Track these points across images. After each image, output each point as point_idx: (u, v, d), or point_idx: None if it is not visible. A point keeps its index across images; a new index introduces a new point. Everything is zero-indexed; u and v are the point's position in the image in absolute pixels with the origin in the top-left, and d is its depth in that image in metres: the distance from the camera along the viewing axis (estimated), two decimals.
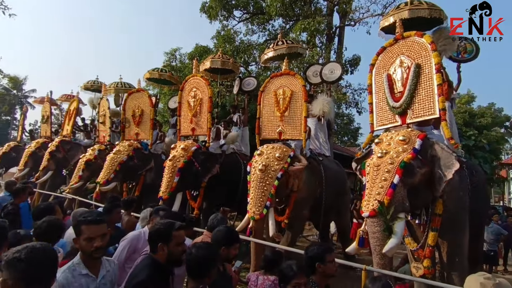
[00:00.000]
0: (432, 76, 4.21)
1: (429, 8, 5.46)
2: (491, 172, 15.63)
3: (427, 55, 4.28)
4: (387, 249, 3.48)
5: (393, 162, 3.84)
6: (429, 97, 4.25)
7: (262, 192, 5.21)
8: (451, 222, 4.13)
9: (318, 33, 14.30)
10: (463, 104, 19.44)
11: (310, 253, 2.29)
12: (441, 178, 3.95)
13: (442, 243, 4.20)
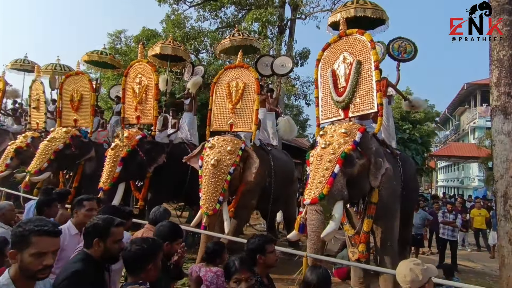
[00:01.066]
0: (371, 72, 4.46)
1: (373, 8, 5.76)
2: (422, 163, 17.14)
3: (367, 52, 4.52)
4: (325, 234, 3.67)
5: (335, 153, 4.04)
6: (369, 92, 4.50)
7: (215, 188, 5.17)
8: (384, 210, 4.46)
9: (270, 24, 14.37)
10: (401, 100, 20.84)
11: (251, 245, 2.31)
12: (379, 169, 4.23)
13: (376, 229, 4.53)
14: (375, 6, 5.82)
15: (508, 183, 4.45)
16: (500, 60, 4.85)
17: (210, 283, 2.40)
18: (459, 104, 32.68)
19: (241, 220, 6.08)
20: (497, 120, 4.76)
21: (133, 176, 6.49)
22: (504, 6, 4.93)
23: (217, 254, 2.56)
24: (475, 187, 26.03)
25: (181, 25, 14.91)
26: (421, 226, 7.80)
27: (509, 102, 4.70)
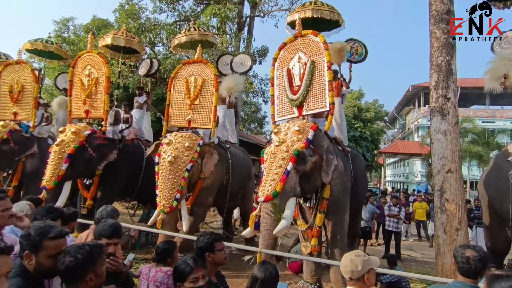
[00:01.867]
0: (324, 72, 4.61)
1: (329, 11, 5.98)
2: (372, 159, 18.15)
3: (320, 53, 4.67)
4: (277, 230, 3.75)
5: (288, 150, 4.13)
6: (321, 91, 4.66)
7: (172, 185, 5.06)
8: (335, 205, 4.65)
9: (229, 20, 14.28)
10: (354, 99, 21.93)
11: (199, 244, 2.28)
12: (330, 166, 4.41)
13: (328, 223, 4.72)
14: (331, 8, 6.04)
15: (444, 178, 4.87)
16: (438, 65, 5.28)
17: (161, 283, 2.34)
18: (405, 105, 34.99)
19: (198, 217, 6.02)
20: (435, 120, 5.18)
21: (80, 174, 6.13)
22: (442, 16, 5.37)
23: (168, 254, 2.50)
24: (418, 182, 28.10)
25: (135, 16, 14.31)
26: (370, 219, 8.27)
27: (445, 104, 5.13)
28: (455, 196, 4.68)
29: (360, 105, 21.73)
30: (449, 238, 4.54)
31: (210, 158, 5.68)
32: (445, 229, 4.59)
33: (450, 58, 5.27)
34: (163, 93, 12.94)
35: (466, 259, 2.03)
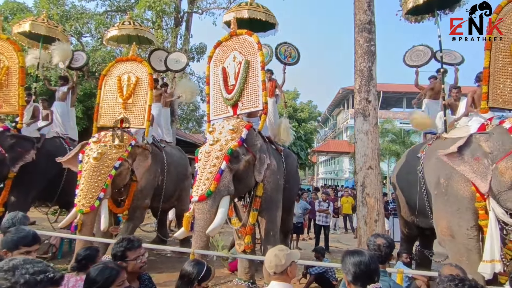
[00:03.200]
0: (258, 72, 4.72)
1: (265, 12, 6.11)
2: (306, 158, 19.09)
3: (254, 53, 4.77)
4: (210, 229, 3.74)
5: (222, 149, 4.14)
6: (255, 91, 4.76)
7: (96, 183, 4.72)
8: (268, 202, 4.79)
9: (165, 15, 13.79)
10: (290, 99, 22.80)
11: (113, 251, 2.16)
12: (263, 164, 4.52)
13: (261, 221, 4.84)
14: (266, 10, 6.19)
15: (365, 174, 5.32)
16: (361, 71, 5.75)
17: None
18: (336, 106, 37.44)
19: (137, 221, 5.76)
20: (358, 121, 5.63)
21: None
22: (365, 26, 5.85)
23: (89, 260, 2.33)
24: (346, 178, 30.28)
25: (59, 2, 13.05)
26: (302, 215, 8.70)
27: (367, 106, 5.61)
28: (374, 191, 5.14)
29: (295, 106, 22.66)
30: (369, 229, 4.98)
31: (144, 161, 5.44)
32: (366, 221, 5.03)
33: (371, 64, 5.77)
34: (91, 88, 12.05)
35: (377, 247, 2.26)
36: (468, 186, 3.93)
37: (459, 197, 4.03)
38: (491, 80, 3.90)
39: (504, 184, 3.45)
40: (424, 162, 4.97)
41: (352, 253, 1.83)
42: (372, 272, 1.75)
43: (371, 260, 1.77)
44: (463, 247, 3.97)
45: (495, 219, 3.62)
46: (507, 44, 3.92)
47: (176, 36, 14.53)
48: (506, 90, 3.92)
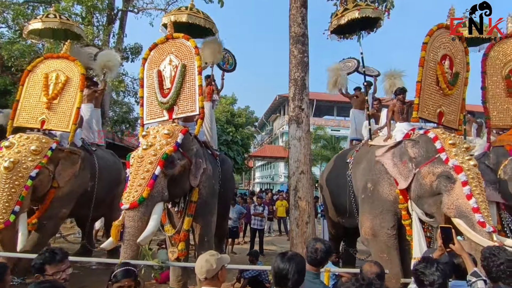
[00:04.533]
0: (195, 77, 4.70)
1: (204, 19, 6.09)
2: (242, 163, 19.31)
3: (191, 57, 4.74)
4: (142, 237, 3.59)
5: (156, 154, 4.02)
6: (192, 95, 4.72)
7: (9, 195, 4.18)
8: (203, 207, 4.76)
9: (97, 11, 12.94)
10: (227, 104, 22.91)
11: (32, 263, 2.00)
12: (199, 169, 4.49)
13: (196, 226, 4.79)
14: (206, 17, 6.18)
15: (298, 178, 5.58)
16: (295, 80, 6.04)
17: None
18: (273, 112, 38.61)
19: (45, 233, 5.08)
20: (292, 128, 5.90)
21: None
22: (299, 38, 6.17)
23: None
24: (282, 182, 31.29)
25: None
26: (237, 219, 8.78)
27: (300, 114, 5.90)
28: (306, 194, 5.41)
29: (233, 111, 22.84)
30: (301, 231, 5.22)
31: (69, 167, 4.98)
32: (298, 223, 5.26)
33: (305, 74, 6.09)
34: (6, 84, 10.77)
35: (315, 250, 2.39)
36: (392, 190, 4.41)
37: (383, 200, 4.49)
38: (421, 94, 4.37)
39: (424, 187, 3.91)
40: (353, 168, 5.40)
41: (284, 254, 1.91)
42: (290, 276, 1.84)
43: (294, 264, 1.86)
44: (384, 244, 4.43)
45: (417, 219, 4.11)
46: (434, 64, 4.45)
47: (109, 34, 13.70)
48: (430, 103, 4.45)
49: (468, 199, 3.54)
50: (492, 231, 3.39)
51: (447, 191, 3.70)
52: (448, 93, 4.50)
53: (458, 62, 4.61)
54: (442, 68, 4.42)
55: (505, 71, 4.96)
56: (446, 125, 4.55)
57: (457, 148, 3.91)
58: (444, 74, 4.43)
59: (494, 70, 4.95)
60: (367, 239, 4.68)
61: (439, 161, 3.85)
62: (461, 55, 4.68)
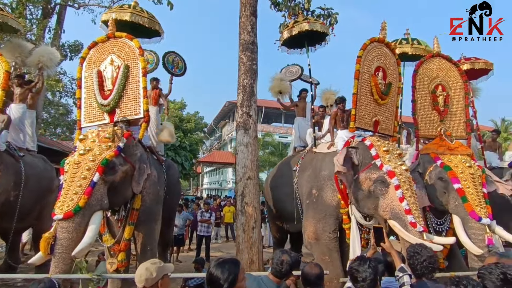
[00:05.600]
0: (139, 79, 4.51)
1: (149, 19, 5.89)
2: (190, 168, 18.94)
3: (135, 58, 4.55)
4: (78, 250, 3.33)
5: (95, 160, 3.77)
6: (136, 98, 4.52)
7: None
8: (147, 215, 4.55)
9: (30, 3, 11.92)
10: (176, 109, 22.38)
11: None
12: (142, 175, 4.30)
13: (138, 235, 4.55)
14: (151, 17, 5.98)
15: (245, 184, 5.62)
16: (244, 87, 6.11)
17: None
18: (222, 118, 38.54)
19: None
20: (240, 134, 5.95)
21: None
22: (248, 45, 6.27)
23: None
24: (230, 188, 31.22)
25: None
26: (183, 226, 8.55)
27: (248, 120, 5.97)
28: (253, 200, 5.48)
29: (181, 116, 22.37)
30: (247, 236, 5.25)
31: None
32: (244, 229, 5.29)
33: (253, 81, 6.20)
34: None
35: (281, 262, 2.40)
36: (335, 196, 4.63)
37: (327, 205, 4.71)
38: (358, 105, 4.63)
39: (363, 192, 4.15)
40: (299, 175, 5.56)
41: (224, 261, 1.88)
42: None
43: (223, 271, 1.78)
44: (326, 247, 4.64)
45: (356, 223, 4.35)
46: (368, 75, 4.74)
47: (44, 29, 12.67)
48: (366, 113, 4.74)
49: (400, 201, 3.82)
50: (422, 231, 3.69)
51: (382, 195, 3.98)
52: (382, 103, 4.85)
53: (390, 73, 4.98)
54: (376, 79, 4.75)
55: (431, 87, 5.49)
56: (382, 132, 4.89)
57: (390, 155, 4.22)
58: (378, 85, 4.75)
59: (422, 85, 5.45)
60: (310, 243, 4.85)
61: (374, 167, 4.12)
62: (394, 66, 5.07)
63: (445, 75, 5.52)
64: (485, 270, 1.96)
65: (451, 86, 5.51)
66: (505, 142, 16.56)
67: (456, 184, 4.45)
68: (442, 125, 5.33)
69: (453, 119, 5.46)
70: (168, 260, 7.01)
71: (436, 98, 5.43)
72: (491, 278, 1.89)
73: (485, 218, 4.18)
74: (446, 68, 5.55)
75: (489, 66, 6.85)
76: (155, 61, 7.23)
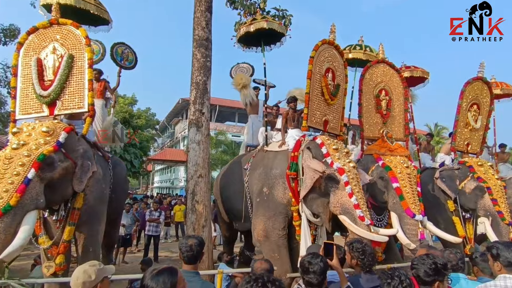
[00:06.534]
0: (84, 70, 4.23)
1: (96, 5, 5.55)
2: (140, 166, 18.20)
3: (81, 48, 4.26)
4: (6, 253, 3.04)
5: (30, 155, 3.47)
6: (80, 90, 4.24)
7: None
8: (90, 215, 4.28)
9: None
10: (126, 105, 21.35)
11: None
12: (86, 173, 4.04)
13: (79, 236, 4.27)
14: (99, 4, 5.65)
15: (196, 182, 5.53)
16: (197, 84, 6.00)
17: None
18: (175, 115, 37.55)
19: None
20: (192, 131, 5.83)
21: None
22: (202, 42, 6.17)
23: None
24: (181, 187, 30.60)
25: None
26: (131, 226, 8.21)
27: (200, 118, 5.88)
28: (204, 198, 5.40)
29: (131, 112, 21.41)
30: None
31: None
32: (194, 227, 5.21)
33: (207, 78, 6.10)
34: None
35: (189, 247, 2.40)
36: (286, 193, 4.72)
37: (277, 203, 4.78)
38: (310, 104, 4.74)
39: (314, 189, 4.25)
40: (250, 173, 5.59)
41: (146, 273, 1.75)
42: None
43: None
44: (275, 245, 4.72)
45: (306, 220, 4.47)
46: (319, 76, 4.89)
47: None
48: (317, 113, 4.90)
49: (350, 197, 4.02)
50: (370, 224, 3.93)
51: (333, 191, 4.16)
52: (331, 103, 5.05)
53: (339, 74, 5.20)
54: (326, 80, 4.93)
55: (376, 91, 5.86)
56: (331, 131, 5.09)
57: (339, 153, 4.41)
58: (328, 85, 4.93)
59: (368, 89, 5.79)
60: (259, 241, 4.90)
61: (325, 164, 4.28)
62: (341, 69, 5.29)
63: (389, 80, 5.91)
64: (417, 261, 2.14)
65: (393, 91, 5.91)
66: (437, 145, 18.19)
67: (395, 183, 4.79)
68: (384, 128, 5.71)
69: (394, 122, 5.87)
70: (113, 261, 6.68)
71: (380, 102, 5.79)
72: (423, 268, 2.06)
73: (418, 215, 4.56)
74: (389, 74, 5.94)
75: (426, 74, 7.50)
76: (101, 52, 6.84)
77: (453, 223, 5.66)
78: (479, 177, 5.52)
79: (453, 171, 5.89)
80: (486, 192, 5.36)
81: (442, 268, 2.07)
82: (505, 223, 5.14)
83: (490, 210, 5.28)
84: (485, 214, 5.33)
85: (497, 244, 2.30)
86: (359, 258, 2.57)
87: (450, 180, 5.78)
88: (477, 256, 2.76)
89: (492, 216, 5.25)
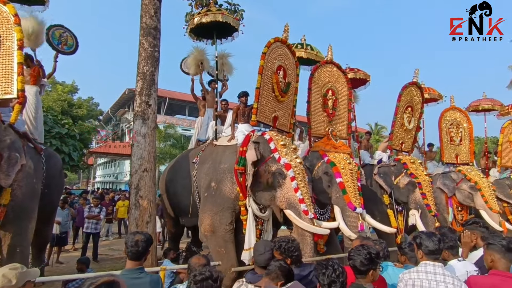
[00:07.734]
0: (13, 52, 3.83)
1: None
2: (79, 159, 16.95)
3: (9, 27, 3.84)
4: None
5: None
6: (8, 75, 3.83)
7: None
8: (17, 211, 3.91)
9: None
10: (65, 93, 19.72)
11: None
12: (13, 166, 3.67)
13: (5, 235, 3.87)
14: None
15: (140, 176, 5.30)
16: (144, 74, 5.73)
17: None
18: (121, 106, 35.64)
19: None
20: (137, 124, 5.57)
21: None
22: (150, 30, 5.90)
23: None
24: (126, 181, 29.20)
25: None
26: (67, 223, 7.64)
27: (147, 110, 5.63)
28: (148, 193, 5.20)
29: (71, 100, 19.88)
30: None
31: None
32: (137, 224, 4.99)
33: (154, 69, 5.85)
34: None
35: (135, 243, 2.32)
36: (234, 188, 4.71)
37: (225, 198, 4.76)
38: (260, 99, 4.75)
39: (259, 184, 4.31)
40: (198, 168, 5.50)
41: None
42: None
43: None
44: (222, 239, 4.71)
45: (252, 214, 4.50)
46: (271, 72, 4.92)
47: None
48: (266, 109, 4.93)
49: (295, 192, 4.13)
50: (313, 217, 4.08)
51: (280, 186, 4.25)
52: (281, 100, 5.15)
53: (290, 73, 5.32)
54: (277, 77, 5.02)
55: (323, 90, 6.09)
56: (280, 128, 5.19)
57: (287, 149, 4.51)
58: (279, 82, 5.03)
59: (316, 88, 6.00)
60: (206, 236, 4.86)
61: (273, 160, 4.35)
62: (293, 67, 5.43)
63: (335, 81, 6.18)
64: (354, 252, 2.27)
65: (339, 91, 6.20)
66: (377, 143, 19.50)
67: (338, 178, 5.04)
68: (330, 126, 5.97)
69: (339, 121, 6.16)
70: (45, 262, 6.17)
71: (327, 101, 6.03)
72: (359, 258, 2.19)
73: (359, 208, 4.85)
74: (336, 75, 6.21)
75: (367, 77, 7.99)
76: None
77: (387, 215, 6.12)
78: (412, 173, 6.04)
79: (389, 167, 6.35)
80: (417, 187, 5.88)
81: (376, 257, 2.22)
82: (431, 215, 5.69)
83: (420, 203, 5.80)
84: (416, 207, 5.85)
85: (421, 234, 2.51)
86: (293, 255, 2.66)
87: (386, 175, 6.23)
88: (405, 246, 3.00)
89: (421, 209, 5.78)
